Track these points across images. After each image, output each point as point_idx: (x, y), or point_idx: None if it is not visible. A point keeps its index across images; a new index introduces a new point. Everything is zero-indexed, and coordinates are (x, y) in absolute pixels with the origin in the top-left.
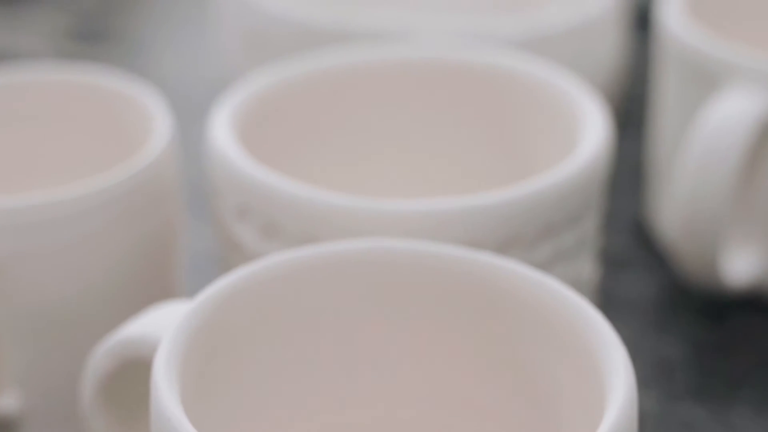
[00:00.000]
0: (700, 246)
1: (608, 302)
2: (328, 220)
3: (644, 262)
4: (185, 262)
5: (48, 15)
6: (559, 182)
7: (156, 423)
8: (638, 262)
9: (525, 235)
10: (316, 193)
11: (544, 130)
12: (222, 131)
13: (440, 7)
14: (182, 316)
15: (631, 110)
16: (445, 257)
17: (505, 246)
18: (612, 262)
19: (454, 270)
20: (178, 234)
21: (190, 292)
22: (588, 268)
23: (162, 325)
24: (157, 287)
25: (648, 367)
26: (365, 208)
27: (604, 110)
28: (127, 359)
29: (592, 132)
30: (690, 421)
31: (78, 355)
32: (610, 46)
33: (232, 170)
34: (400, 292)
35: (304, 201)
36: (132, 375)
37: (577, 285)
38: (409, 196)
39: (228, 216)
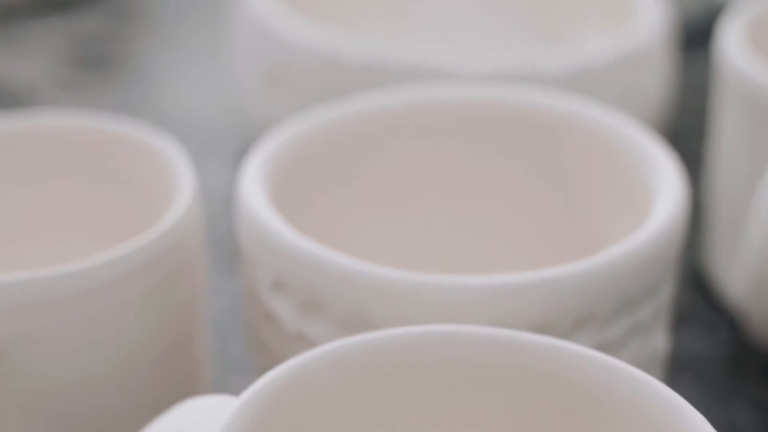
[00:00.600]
0: None
1: (667, 362)
2: (381, 298)
3: (704, 316)
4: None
5: (47, 39)
6: (637, 252)
7: None
8: (698, 317)
9: (600, 311)
10: (365, 267)
11: (609, 186)
12: (253, 192)
13: (471, 38)
14: (231, 416)
15: (680, 142)
16: (525, 348)
17: (579, 324)
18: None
19: (533, 363)
20: (204, 303)
21: (216, 363)
22: (662, 338)
23: (201, 426)
24: (181, 366)
25: None
26: (423, 284)
27: (677, 163)
28: None
29: (668, 190)
30: None
31: None
32: (660, 75)
33: (268, 239)
34: (470, 388)
35: (351, 276)
36: None
37: (652, 358)
38: (458, 264)
39: (262, 286)
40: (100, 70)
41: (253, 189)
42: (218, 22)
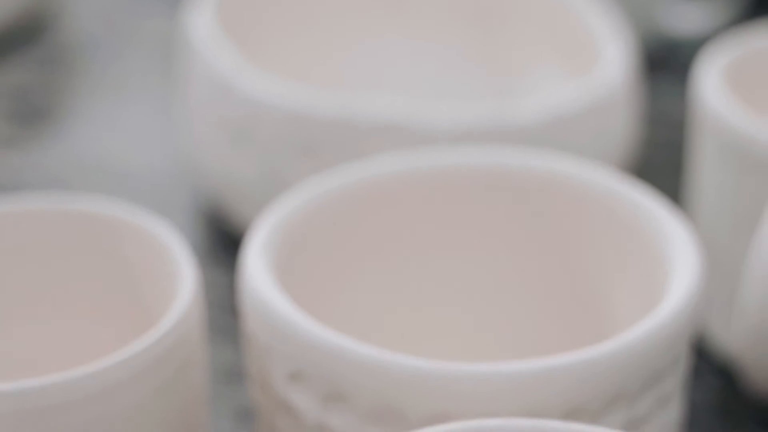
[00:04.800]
0: None
1: None
2: (408, 388)
3: (697, 364)
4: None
5: None
6: (662, 328)
7: None
8: (696, 368)
9: (630, 389)
10: (391, 357)
11: (621, 257)
12: (261, 279)
13: (440, 91)
14: None
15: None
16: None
17: (610, 404)
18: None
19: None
20: (207, 396)
21: None
22: (680, 405)
23: None
24: None
25: None
26: (452, 373)
27: (693, 235)
28: None
29: (684, 260)
30: None
31: None
32: (628, 115)
33: (284, 330)
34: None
35: (376, 366)
36: None
37: (672, 426)
38: (467, 336)
39: (277, 378)
40: (37, 124)
41: (259, 275)
42: (163, 68)
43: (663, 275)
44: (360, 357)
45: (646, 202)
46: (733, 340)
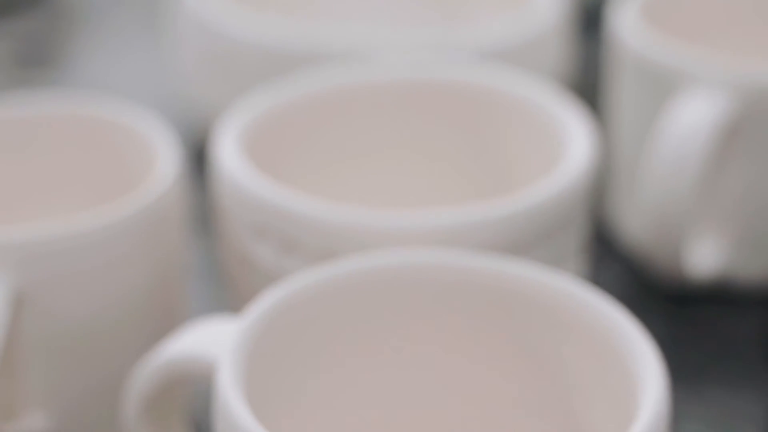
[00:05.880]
0: (668, 243)
1: None
2: (348, 235)
3: (605, 259)
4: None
5: None
6: (556, 191)
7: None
8: (602, 260)
9: (525, 241)
10: (334, 209)
11: (529, 142)
12: (231, 153)
13: (394, 21)
14: (238, 333)
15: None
16: (472, 265)
17: (509, 251)
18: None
19: (479, 277)
20: (185, 256)
21: (195, 307)
22: (579, 270)
23: (210, 344)
24: (169, 305)
25: None
26: (384, 221)
27: (587, 119)
28: (175, 377)
29: (579, 143)
30: None
31: (99, 374)
32: (559, 55)
33: (247, 192)
34: (432, 299)
35: (322, 218)
36: (169, 390)
37: None
38: (405, 206)
39: (243, 235)
40: (46, 68)
41: (229, 151)
42: (154, 18)
43: (559, 149)
44: (309, 210)
45: (546, 102)
46: (636, 232)
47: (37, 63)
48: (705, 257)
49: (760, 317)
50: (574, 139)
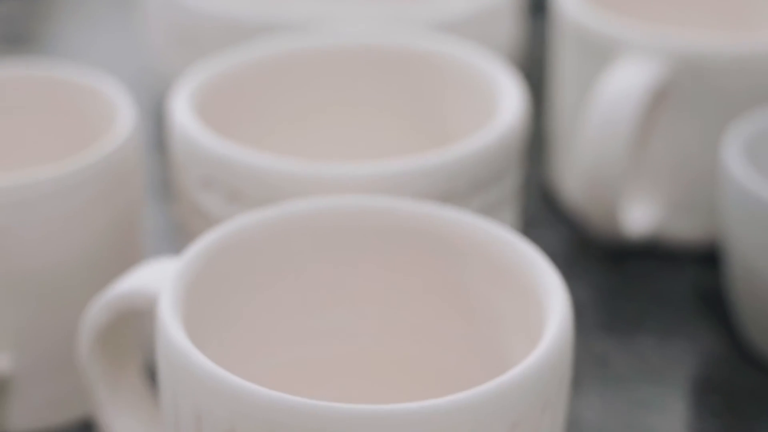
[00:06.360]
0: (603, 203)
1: None
2: (288, 185)
3: (549, 220)
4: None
5: None
6: (487, 144)
7: (168, 359)
8: (543, 220)
9: (459, 191)
10: (275, 161)
11: (466, 101)
12: (183, 111)
13: None
14: (178, 268)
15: (530, 89)
16: (401, 209)
17: (443, 200)
18: (522, 222)
19: (408, 218)
20: (142, 207)
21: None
22: (511, 220)
23: (154, 280)
24: (127, 252)
25: None
26: (322, 172)
27: (519, 82)
28: (123, 312)
29: (511, 101)
30: (601, 353)
31: (63, 316)
32: (509, 30)
33: (196, 146)
34: (363, 240)
35: (265, 169)
36: (121, 327)
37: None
38: (350, 160)
39: (192, 187)
40: (21, 46)
41: (182, 109)
42: None
43: (493, 107)
44: (252, 162)
45: (481, 64)
46: (574, 194)
47: (12, 41)
48: (638, 217)
49: (693, 273)
50: (506, 98)
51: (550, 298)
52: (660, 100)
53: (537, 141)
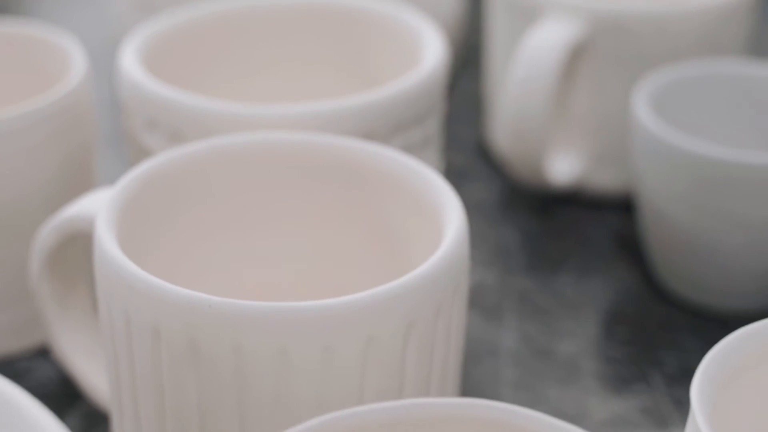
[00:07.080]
0: (528, 154)
1: None
2: (223, 125)
3: (484, 172)
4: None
5: None
6: (407, 88)
7: (101, 268)
8: (479, 173)
9: (381, 131)
10: (211, 104)
11: (392, 51)
12: (130, 59)
13: None
14: (113, 193)
15: (471, 55)
16: (320, 142)
17: (365, 139)
18: (457, 175)
19: (327, 151)
20: (95, 148)
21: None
22: (433, 160)
23: (96, 206)
24: (80, 190)
25: (490, 251)
26: (255, 112)
27: (440, 34)
28: (68, 234)
29: (432, 51)
30: (523, 290)
31: (19, 248)
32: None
33: (141, 91)
34: (286, 171)
35: (203, 111)
36: (69, 250)
37: (435, 164)
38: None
39: (139, 130)
40: None
41: (130, 59)
42: None
43: (416, 56)
44: (191, 105)
45: (406, 18)
46: (502, 146)
47: None
48: (562, 168)
49: (612, 219)
50: (428, 48)
51: (449, 216)
52: (581, 57)
53: (476, 103)
